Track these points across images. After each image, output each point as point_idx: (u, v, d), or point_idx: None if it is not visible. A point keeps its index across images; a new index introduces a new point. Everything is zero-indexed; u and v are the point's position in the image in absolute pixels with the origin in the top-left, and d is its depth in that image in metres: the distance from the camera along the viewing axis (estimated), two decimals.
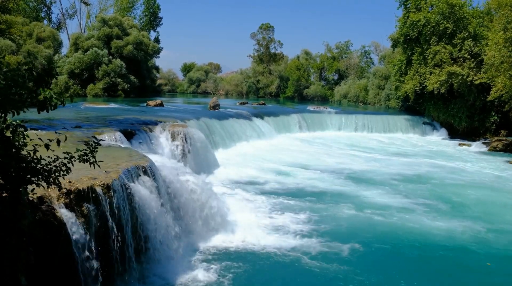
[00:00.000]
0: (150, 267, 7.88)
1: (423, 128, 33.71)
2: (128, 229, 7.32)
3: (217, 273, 8.11)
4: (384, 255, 9.55)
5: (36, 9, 61.68)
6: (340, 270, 8.47)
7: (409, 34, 32.70)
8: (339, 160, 20.71)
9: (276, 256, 8.99)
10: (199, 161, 15.81)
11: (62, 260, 5.84)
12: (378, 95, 49.35)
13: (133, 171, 8.08)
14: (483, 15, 32.65)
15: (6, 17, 30.47)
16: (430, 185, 16.14)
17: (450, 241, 10.38)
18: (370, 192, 14.68)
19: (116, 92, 47.12)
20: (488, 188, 16.30)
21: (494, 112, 30.64)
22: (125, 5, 66.55)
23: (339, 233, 10.52)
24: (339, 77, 65.21)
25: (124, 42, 50.30)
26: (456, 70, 29.51)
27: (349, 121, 33.30)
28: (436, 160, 21.92)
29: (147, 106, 29.17)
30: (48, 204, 5.87)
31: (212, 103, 28.78)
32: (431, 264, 9.14)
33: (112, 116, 19.15)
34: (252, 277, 8.17)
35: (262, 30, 72.08)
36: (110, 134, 12.90)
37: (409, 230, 10.95)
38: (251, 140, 23.81)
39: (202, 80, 78.07)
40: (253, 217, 11.32)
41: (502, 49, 25.43)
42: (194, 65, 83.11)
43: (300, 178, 16.27)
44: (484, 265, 9.20)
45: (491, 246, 10.15)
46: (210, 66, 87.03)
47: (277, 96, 68.71)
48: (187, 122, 18.42)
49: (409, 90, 32.90)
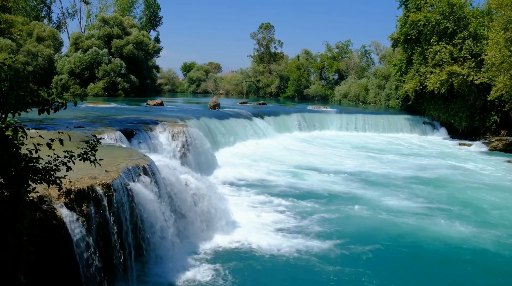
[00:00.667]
0: (150, 267, 7.88)
1: (423, 128, 33.70)
2: (128, 228, 7.32)
3: (217, 273, 8.11)
4: (398, 259, 9.40)
5: (36, 8, 61.71)
6: (347, 273, 8.40)
7: (409, 33, 32.70)
8: (339, 160, 20.70)
9: (276, 257, 8.97)
10: (199, 160, 15.81)
11: (62, 260, 5.84)
12: (378, 95, 49.37)
13: (133, 171, 8.07)
14: (483, 15, 32.66)
15: (7, 17, 30.49)
16: (441, 188, 15.84)
17: (467, 244, 10.24)
18: (374, 192, 14.67)
19: (116, 92, 47.16)
20: (495, 189, 16.18)
21: (494, 112, 30.63)
22: (125, 4, 66.61)
23: (345, 234, 10.45)
24: (339, 76, 65.24)
25: (124, 41, 50.31)
26: (457, 69, 29.49)
27: (349, 121, 33.29)
28: (439, 159, 21.90)
29: (147, 106, 29.17)
30: (48, 204, 5.87)
31: (212, 103, 28.77)
32: (450, 268, 8.99)
33: (112, 116, 19.13)
34: (252, 278, 8.16)
35: (263, 30, 72.13)
36: (110, 133, 12.88)
37: (426, 234, 10.82)
38: (251, 140, 23.82)
39: (202, 80, 78.13)
40: (253, 217, 11.32)
41: (502, 49, 25.43)
42: (194, 65, 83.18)
43: (300, 179, 16.27)
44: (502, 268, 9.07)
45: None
46: (210, 66, 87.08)
47: (277, 96, 68.75)
48: (187, 122, 18.41)
49: (410, 89, 32.90)
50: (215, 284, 7.75)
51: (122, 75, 48.05)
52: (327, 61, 65.97)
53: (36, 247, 4.97)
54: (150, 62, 56.17)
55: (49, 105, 4.61)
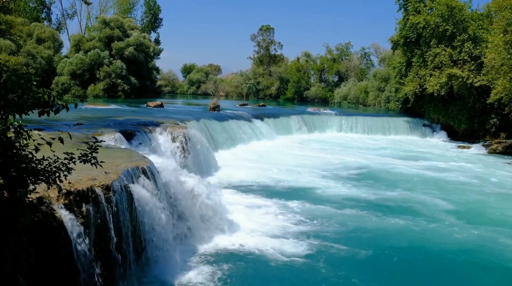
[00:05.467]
0: (149, 268, 7.89)
1: (423, 130, 33.71)
2: (128, 230, 7.33)
3: (216, 275, 8.11)
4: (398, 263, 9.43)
5: (36, 9, 61.77)
6: (343, 276, 8.43)
7: (409, 36, 32.78)
8: (339, 161, 20.71)
9: (275, 259, 8.96)
10: (199, 162, 15.82)
11: (61, 261, 5.85)
12: (378, 97, 49.38)
13: (132, 172, 8.09)
14: (483, 18, 32.73)
15: (7, 18, 30.53)
16: (440, 190, 15.79)
17: (466, 245, 10.24)
18: (369, 194, 14.70)
19: (117, 93, 47.21)
20: (495, 191, 16.15)
21: (494, 115, 30.64)
22: (125, 6, 66.69)
23: (340, 236, 10.50)
24: (339, 79, 65.26)
25: (124, 43, 50.39)
26: (456, 72, 29.53)
27: (349, 123, 33.31)
28: (438, 162, 21.92)
29: (147, 107, 29.18)
30: (48, 205, 5.88)
31: (212, 105, 28.78)
32: (451, 270, 9.05)
33: (112, 117, 19.15)
34: (251, 279, 8.17)
35: (262, 32, 72.22)
36: (110, 135, 12.90)
37: (423, 236, 10.88)
38: (251, 142, 23.83)
39: (202, 81, 78.11)
40: (253, 218, 11.32)
41: (502, 52, 25.47)
42: (194, 67, 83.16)
43: (299, 180, 16.27)
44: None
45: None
46: (211, 68, 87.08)
47: (277, 98, 68.75)
48: (187, 123, 18.43)
49: (409, 92, 32.95)
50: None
51: (122, 76, 48.12)
52: (327, 63, 66.00)
53: (35, 248, 4.98)
54: (150, 64, 56.25)
55: (50, 107, 4.62)
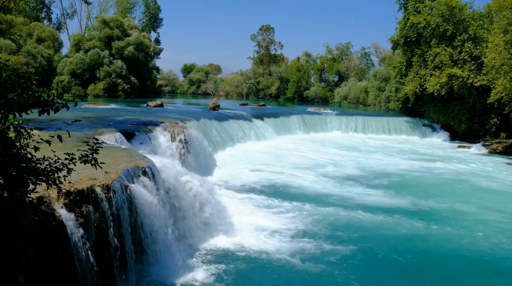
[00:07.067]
0: (149, 268, 7.88)
1: (423, 130, 33.70)
2: (128, 229, 7.32)
3: (216, 274, 8.11)
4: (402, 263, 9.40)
5: (36, 9, 61.78)
6: (341, 275, 8.43)
7: (409, 36, 32.77)
8: (339, 162, 20.71)
9: (275, 259, 8.96)
10: (199, 161, 15.82)
11: (61, 260, 5.84)
12: (378, 97, 49.35)
13: (133, 172, 8.08)
14: (483, 18, 32.71)
15: (7, 17, 30.50)
16: (440, 190, 15.81)
17: (464, 246, 10.24)
18: (371, 193, 14.69)
19: (117, 93, 47.21)
20: (495, 191, 16.15)
21: (494, 114, 30.64)
22: (125, 5, 66.67)
23: (342, 237, 10.49)
24: (339, 78, 65.23)
25: (125, 43, 50.38)
26: (456, 72, 29.52)
27: (349, 123, 33.30)
28: (438, 162, 21.91)
29: (147, 107, 29.17)
30: (48, 205, 5.87)
31: (212, 104, 28.77)
32: (451, 270, 9.05)
33: (112, 117, 19.14)
34: (251, 279, 8.16)
35: (263, 32, 72.15)
36: (110, 134, 12.89)
37: (422, 234, 10.87)
38: (251, 141, 23.82)
39: (202, 81, 78.10)
40: (252, 218, 11.31)
41: (502, 51, 25.46)
42: (194, 66, 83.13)
43: (299, 180, 16.26)
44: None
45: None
46: (211, 67, 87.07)
47: (277, 98, 68.73)
48: (187, 123, 18.41)
49: (409, 92, 32.93)
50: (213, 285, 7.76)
51: (122, 76, 48.12)
52: (327, 63, 65.98)
53: (35, 247, 4.97)
54: (150, 63, 56.24)
55: (50, 106, 4.61)
